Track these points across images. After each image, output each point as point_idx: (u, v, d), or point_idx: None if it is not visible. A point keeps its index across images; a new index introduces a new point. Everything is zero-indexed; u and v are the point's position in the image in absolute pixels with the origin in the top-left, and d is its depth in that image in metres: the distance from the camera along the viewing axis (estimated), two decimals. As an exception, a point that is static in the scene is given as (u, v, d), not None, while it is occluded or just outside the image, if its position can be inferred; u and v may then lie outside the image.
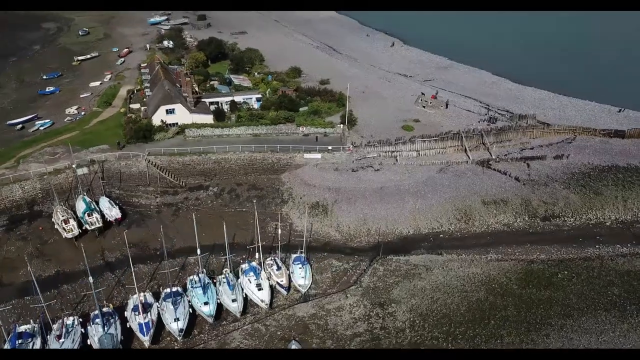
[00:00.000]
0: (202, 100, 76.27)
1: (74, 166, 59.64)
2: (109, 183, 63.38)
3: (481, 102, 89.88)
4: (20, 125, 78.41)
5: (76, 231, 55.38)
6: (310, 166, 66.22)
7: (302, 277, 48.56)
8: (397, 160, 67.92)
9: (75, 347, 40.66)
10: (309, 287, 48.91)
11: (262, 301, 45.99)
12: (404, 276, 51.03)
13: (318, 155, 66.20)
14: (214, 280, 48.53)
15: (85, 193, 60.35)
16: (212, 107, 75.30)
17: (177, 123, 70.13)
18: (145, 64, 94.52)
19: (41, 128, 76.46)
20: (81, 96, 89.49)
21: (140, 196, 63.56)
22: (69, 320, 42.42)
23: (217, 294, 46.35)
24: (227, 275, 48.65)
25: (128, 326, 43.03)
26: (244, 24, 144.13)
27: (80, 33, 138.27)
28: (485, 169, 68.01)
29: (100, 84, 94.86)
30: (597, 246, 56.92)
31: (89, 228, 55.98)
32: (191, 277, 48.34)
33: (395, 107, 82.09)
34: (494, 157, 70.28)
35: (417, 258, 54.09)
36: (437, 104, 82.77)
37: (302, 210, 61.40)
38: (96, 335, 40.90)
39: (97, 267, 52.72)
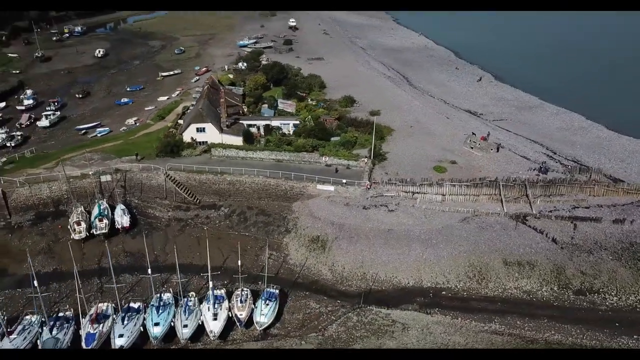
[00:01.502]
0: (240, 121, 77.54)
1: (90, 173, 63.68)
2: (130, 192, 66.51)
3: (548, 148, 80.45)
4: (84, 131, 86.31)
5: (84, 234, 58.62)
6: (321, 198, 63.57)
7: (262, 314, 45.95)
8: (417, 203, 62.49)
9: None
10: (269, 326, 46.14)
11: (211, 332, 44.21)
12: (375, 332, 45.92)
13: (331, 188, 63.37)
14: (180, 302, 47.88)
15: (104, 199, 63.97)
16: (253, 130, 76.49)
17: (206, 142, 71.89)
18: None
19: (98, 135, 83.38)
20: (146, 109, 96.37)
21: (155, 208, 65.73)
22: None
23: (173, 317, 45.56)
24: (190, 299, 47.75)
25: (79, 333, 43.87)
26: (326, 50, 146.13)
27: (175, 51, 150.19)
28: (519, 225, 59.73)
29: (167, 98, 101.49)
30: (635, 337, 46.62)
31: (95, 232, 58.92)
32: (157, 295, 48.17)
33: (438, 146, 76.28)
34: (534, 211, 61.63)
35: (400, 314, 48.57)
36: (487, 146, 75.33)
37: (302, 242, 59.04)
38: (44, 337, 42.18)
39: (88, 270, 55.22)
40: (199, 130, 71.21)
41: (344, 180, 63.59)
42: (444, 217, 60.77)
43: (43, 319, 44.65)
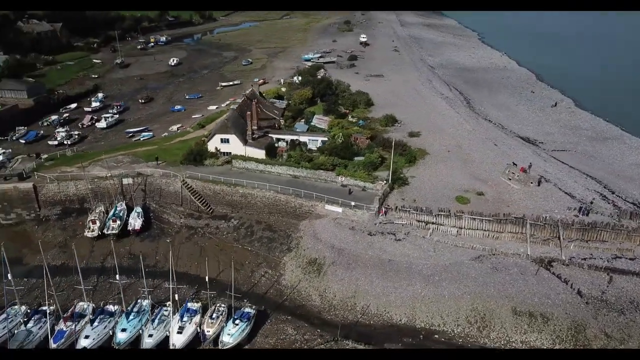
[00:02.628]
0: (270, 135, 77.48)
1: (111, 174, 66.57)
2: (149, 196, 68.65)
3: (606, 187, 71.44)
4: (131, 134, 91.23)
5: (96, 232, 61.29)
6: (328, 219, 61.11)
7: (228, 334, 44.54)
8: (429, 235, 57.89)
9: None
10: (236, 346, 44.54)
11: (173, 345, 43.54)
12: (340, 371, 42.55)
13: (339, 209, 60.73)
14: (155, 311, 47.92)
15: (123, 201, 66.61)
16: (281, 144, 76.29)
17: (230, 152, 72.53)
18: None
19: (141, 139, 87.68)
20: (193, 117, 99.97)
21: (170, 214, 67.19)
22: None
23: (144, 324, 45.59)
24: (165, 309, 47.62)
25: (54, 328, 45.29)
26: (389, 68, 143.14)
27: (243, 63, 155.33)
28: (541, 270, 53.03)
29: (216, 108, 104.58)
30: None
31: (106, 232, 61.35)
32: (135, 301, 48.58)
33: (471, 174, 70.59)
34: (563, 257, 54.55)
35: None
36: (527, 178, 68.31)
37: (299, 263, 57.09)
38: (20, 328, 44.07)
39: (90, 268, 57.41)
40: (223, 140, 72.03)
41: (353, 203, 60.66)
42: (455, 252, 55.64)
43: (28, 311, 46.70)
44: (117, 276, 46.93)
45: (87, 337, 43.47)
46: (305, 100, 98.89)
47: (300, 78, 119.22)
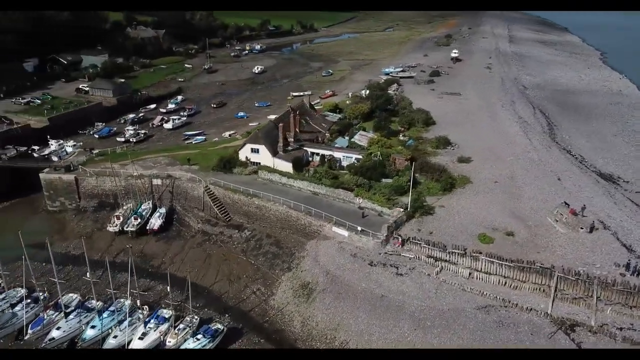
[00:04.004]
0: (305, 148, 76.08)
1: (136, 173, 69.69)
2: (176, 198, 70.82)
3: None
4: (187, 137, 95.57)
5: (117, 228, 64.55)
6: (333, 242, 57.83)
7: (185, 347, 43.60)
8: (435, 273, 52.05)
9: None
10: (189, 363, 43.48)
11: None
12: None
13: (345, 233, 57.19)
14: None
15: (151, 200, 69.48)
16: (316, 158, 74.84)
17: (259, 163, 72.38)
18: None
19: (193, 142, 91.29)
20: (250, 124, 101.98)
21: (191, 218, 68.63)
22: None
23: (112, 325, 46.44)
24: (141, 312, 48.13)
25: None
26: (472, 86, 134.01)
27: (323, 74, 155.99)
28: (559, 334, 44.85)
29: (275, 117, 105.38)
30: None
31: (125, 229, 64.32)
32: (118, 300, 49.73)
33: (509, 210, 62.53)
34: (593, 323, 45.72)
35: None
36: (576, 222, 58.75)
37: (293, 285, 54.78)
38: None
39: (103, 262, 59.68)
40: (253, 150, 72.07)
41: (359, 228, 56.70)
42: (459, 297, 49.28)
43: (25, 294, 50.02)
44: (88, 273, 48.32)
45: (58, 328, 45.36)
46: (360, 114, 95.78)
47: (368, 92, 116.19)
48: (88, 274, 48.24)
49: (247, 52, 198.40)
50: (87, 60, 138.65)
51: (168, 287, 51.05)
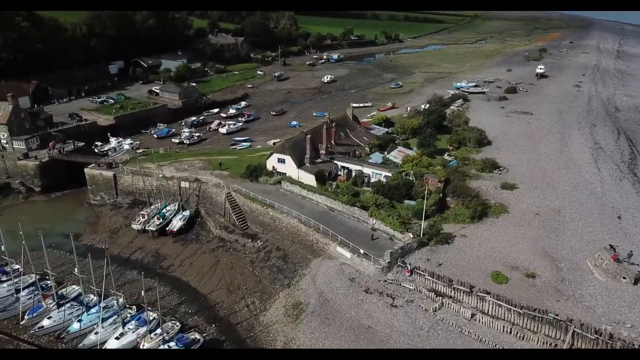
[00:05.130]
0: (335, 161, 74.01)
1: (160, 176, 71.87)
2: (202, 202, 72.21)
3: None
4: (234, 142, 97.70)
5: (139, 226, 67.15)
6: (335, 262, 55.08)
7: (155, 355, 43.50)
8: (433, 309, 47.38)
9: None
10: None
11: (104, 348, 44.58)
12: None
13: (348, 255, 54.26)
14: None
15: (177, 202, 71.51)
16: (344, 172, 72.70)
17: (285, 173, 71.60)
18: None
19: (238, 148, 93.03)
20: (297, 133, 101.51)
21: (211, 223, 69.44)
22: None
23: (96, 321, 47.76)
24: (128, 311, 49.09)
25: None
26: (549, 106, 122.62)
27: (392, 85, 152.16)
28: (561, 400, 38.55)
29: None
30: None
31: (146, 228, 66.69)
32: (112, 297, 51.16)
33: (542, 248, 55.37)
34: (607, 393, 38.66)
35: None
36: (619, 271, 50.44)
37: (286, 303, 53.05)
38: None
39: (121, 258, 62.78)
40: (279, 160, 71.39)
41: (362, 251, 53.44)
42: (453, 340, 44.29)
43: (38, 280, 53.25)
44: (76, 269, 50.09)
45: (49, 317, 47.65)
46: (409, 129, 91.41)
47: (427, 106, 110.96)
48: (76, 269, 50.12)
49: (323, 61, 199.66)
50: (165, 64, 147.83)
51: (154, 290, 51.49)
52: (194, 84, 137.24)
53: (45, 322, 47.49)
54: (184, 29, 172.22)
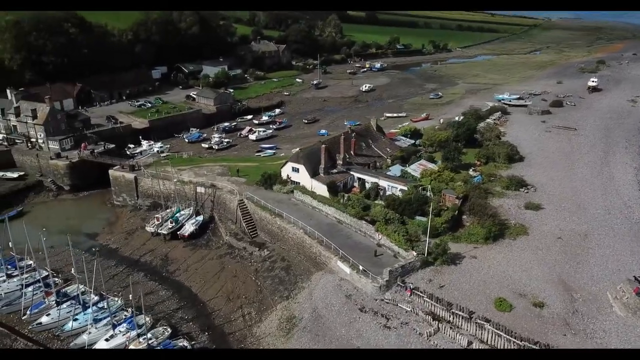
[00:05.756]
0: (351, 172, 72.58)
1: (175, 181, 72.66)
2: (216, 208, 72.71)
3: None
4: (260, 149, 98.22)
5: (152, 229, 68.46)
6: (335, 277, 53.50)
7: None
8: (428, 334, 44.90)
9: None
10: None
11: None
12: None
13: (347, 270, 52.62)
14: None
15: (192, 207, 72.39)
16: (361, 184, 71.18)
17: (299, 182, 70.90)
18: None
19: (262, 155, 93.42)
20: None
21: (223, 229, 69.74)
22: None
23: (94, 322, 48.65)
24: (122, 314, 49.72)
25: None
26: (596, 123, 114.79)
27: (431, 96, 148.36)
28: None
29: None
30: None
31: (158, 231, 67.86)
32: (111, 299, 52.06)
33: (558, 276, 51.34)
34: None
35: None
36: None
37: (281, 316, 52.16)
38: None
39: (131, 259, 64.29)
40: (294, 169, 70.77)
41: (361, 267, 51.63)
42: (444, 369, 41.59)
43: (40, 277, 55.05)
44: (73, 269, 51.19)
45: (48, 315, 49.05)
46: (436, 142, 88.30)
47: (461, 118, 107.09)
48: (73, 269, 51.33)
49: (365, 69, 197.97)
50: (206, 70, 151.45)
51: (155, 293, 52.06)
52: (230, 90, 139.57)
53: (44, 319, 48.97)
54: (227, 35, 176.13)
